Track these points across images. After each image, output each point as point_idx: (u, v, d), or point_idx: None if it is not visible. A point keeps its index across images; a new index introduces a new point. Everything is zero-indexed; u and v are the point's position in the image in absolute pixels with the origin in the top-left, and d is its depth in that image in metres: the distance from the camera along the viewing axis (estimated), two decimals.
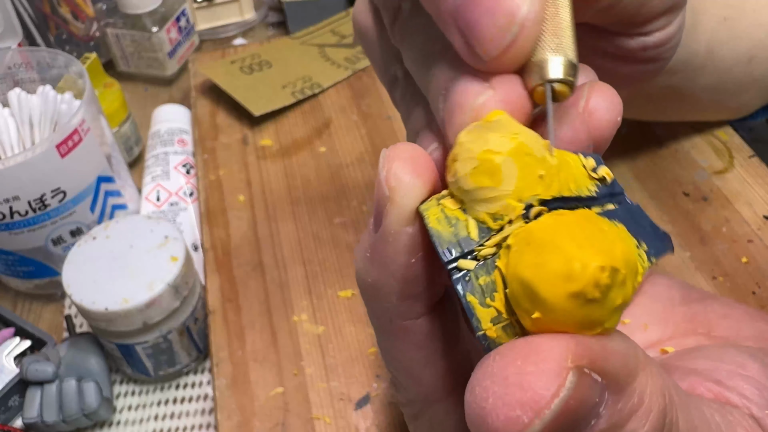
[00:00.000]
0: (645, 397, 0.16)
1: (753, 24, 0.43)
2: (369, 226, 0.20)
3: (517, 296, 0.16)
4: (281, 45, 0.70)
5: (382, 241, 0.19)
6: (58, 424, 0.43)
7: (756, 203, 0.46)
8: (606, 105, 0.20)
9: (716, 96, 0.46)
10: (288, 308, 0.46)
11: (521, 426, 0.14)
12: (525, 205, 0.17)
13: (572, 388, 0.14)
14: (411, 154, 0.18)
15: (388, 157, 0.18)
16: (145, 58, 0.71)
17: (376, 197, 0.19)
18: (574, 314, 0.15)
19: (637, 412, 0.16)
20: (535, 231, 0.16)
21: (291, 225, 0.52)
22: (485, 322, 0.17)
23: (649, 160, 0.51)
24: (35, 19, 0.65)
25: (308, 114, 0.62)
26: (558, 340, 0.15)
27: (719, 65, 0.42)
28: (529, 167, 0.17)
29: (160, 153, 0.59)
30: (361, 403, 0.41)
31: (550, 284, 0.15)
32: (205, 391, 0.47)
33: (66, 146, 0.46)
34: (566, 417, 0.14)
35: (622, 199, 0.19)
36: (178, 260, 0.42)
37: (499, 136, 0.17)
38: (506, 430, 0.14)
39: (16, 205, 0.45)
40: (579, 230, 0.16)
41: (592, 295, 0.15)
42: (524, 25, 0.18)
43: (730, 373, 0.22)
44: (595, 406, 0.15)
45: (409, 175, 0.18)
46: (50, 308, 0.53)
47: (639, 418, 0.16)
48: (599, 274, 0.15)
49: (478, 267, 0.17)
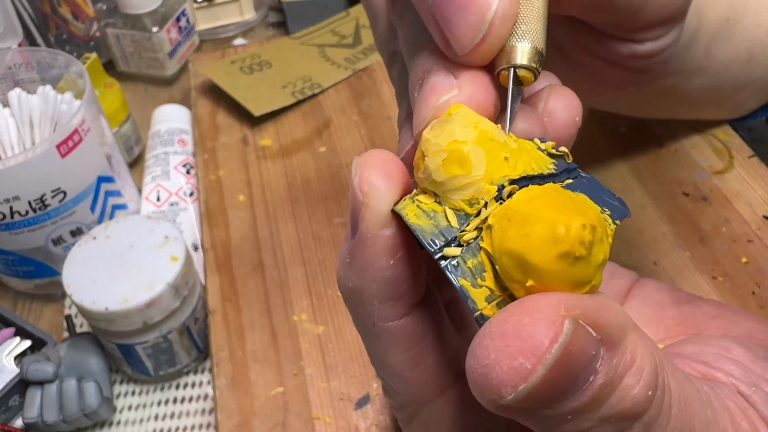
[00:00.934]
0: (636, 355, 0.17)
1: (754, 24, 0.43)
2: (347, 233, 0.21)
3: (508, 270, 0.17)
4: (281, 45, 0.70)
5: (361, 246, 0.20)
6: (59, 424, 0.43)
7: (756, 203, 0.46)
8: (564, 106, 0.21)
9: (711, 95, 0.46)
10: (288, 308, 0.46)
11: (525, 373, 0.15)
12: (497, 186, 0.18)
13: (569, 334, 0.15)
14: (382, 159, 0.19)
15: (360, 164, 0.19)
16: (146, 58, 0.71)
17: (351, 204, 0.20)
18: (564, 275, 0.16)
19: (630, 369, 0.16)
20: (513, 207, 0.17)
21: (291, 225, 0.52)
22: (480, 302, 0.17)
23: (649, 160, 0.51)
24: (35, 19, 0.65)
25: (308, 114, 0.62)
26: (550, 296, 0.16)
27: (716, 66, 0.42)
28: (494, 152, 0.18)
29: (160, 153, 0.59)
30: (361, 403, 0.41)
31: (539, 250, 0.16)
32: (205, 391, 0.47)
33: (66, 146, 0.46)
34: (566, 366, 0.15)
35: (578, 173, 0.20)
36: (178, 260, 0.42)
37: (462, 127, 0.18)
38: (511, 380, 0.15)
39: (17, 205, 0.45)
40: (552, 200, 0.17)
41: (579, 252, 0.16)
42: (494, 22, 0.19)
43: (716, 356, 0.23)
44: (592, 360, 0.16)
45: (381, 179, 0.19)
46: (50, 308, 0.53)
47: (633, 375, 0.16)
48: (582, 232, 0.16)
49: (464, 251, 0.18)
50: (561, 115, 0.21)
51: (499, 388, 0.15)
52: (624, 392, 0.16)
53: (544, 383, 0.15)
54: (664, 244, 0.45)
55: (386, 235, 0.19)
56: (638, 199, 0.48)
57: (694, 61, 0.40)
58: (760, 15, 0.43)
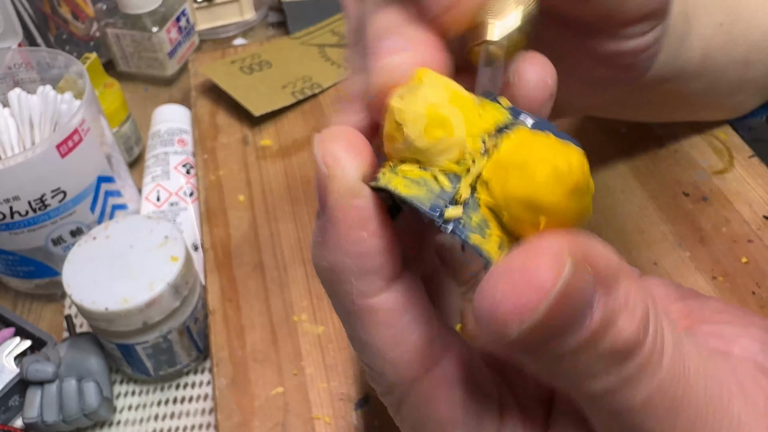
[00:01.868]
0: (629, 299, 0.18)
1: (749, 27, 0.43)
2: (317, 212, 0.21)
3: (519, 216, 0.17)
4: (281, 45, 0.70)
5: (332, 221, 0.20)
6: (59, 424, 0.43)
7: (756, 203, 0.46)
8: (534, 68, 0.21)
9: (710, 98, 0.46)
10: (288, 308, 0.46)
11: (532, 306, 0.16)
12: (481, 141, 0.18)
13: (570, 274, 0.16)
14: (344, 132, 0.20)
15: (322, 138, 0.19)
16: (145, 58, 0.71)
17: (316, 182, 0.20)
18: (574, 208, 0.17)
19: (624, 311, 0.17)
20: (506, 156, 0.18)
21: (291, 225, 0.52)
22: (495, 254, 0.18)
23: (649, 160, 0.51)
24: (35, 19, 0.65)
25: (308, 114, 0.62)
26: (553, 237, 0.17)
27: (713, 69, 0.42)
28: (468, 109, 0.19)
29: (160, 153, 0.59)
30: (361, 403, 0.41)
31: (548, 190, 0.17)
32: (205, 391, 0.47)
33: (66, 146, 0.46)
34: (566, 304, 0.16)
35: (527, 115, 0.21)
36: (178, 260, 0.42)
37: (434, 91, 0.18)
38: (517, 314, 0.16)
39: (17, 205, 0.45)
40: (538, 143, 0.17)
41: (585, 183, 0.17)
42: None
43: (733, 333, 0.23)
44: (590, 300, 0.17)
45: (343, 150, 0.19)
46: (50, 308, 0.53)
47: (626, 318, 0.17)
48: (583, 163, 0.17)
49: (465, 210, 0.18)
50: (531, 77, 0.21)
51: (506, 323, 0.16)
52: (617, 331, 0.17)
53: (547, 318, 0.16)
54: (664, 244, 0.45)
55: (358, 206, 0.19)
56: (638, 199, 0.48)
57: (691, 65, 0.40)
58: (756, 18, 0.43)
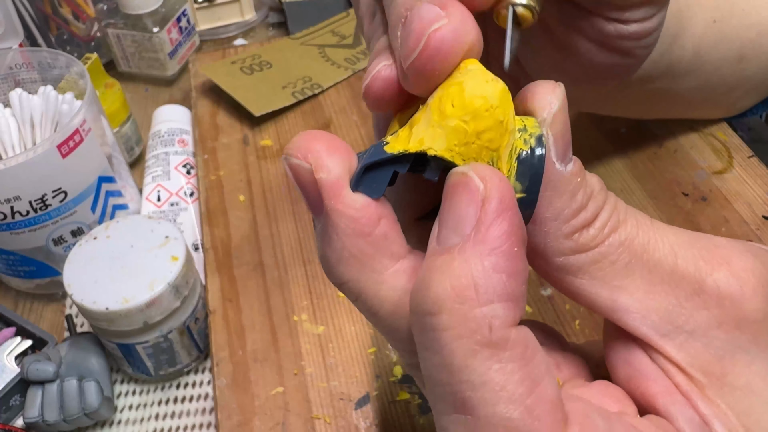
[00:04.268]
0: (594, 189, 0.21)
1: (743, 24, 0.43)
2: (318, 237, 0.20)
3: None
4: (281, 45, 0.70)
5: (336, 232, 0.19)
6: (59, 423, 0.43)
7: (755, 203, 0.46)
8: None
9: (705, 95, 0.46)
10: (288, 308, 0.46)
11: None
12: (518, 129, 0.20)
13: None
14: (325, 137, 0.19)
15: (297, 150, 0.19)
16: (146, 59, 0.71)
17: (307, 193, 0.20)
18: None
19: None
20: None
21: (291, 225, 0.52)
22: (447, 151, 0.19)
23: (648, 160, 0.51)
24: (36, 19, 0.66)
25: (308, 114, 0.62)
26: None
27: (706, 67, 0.42)
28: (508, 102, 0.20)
29: (160, 153, 0.60)
30: (361, 402, 0.41)
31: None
32: (205, 391, 0.47)
33: (67, 146, 0.46)
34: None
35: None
36: (178, 260, 0.42)
37: (482, 82, 0.19)
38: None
39: (17, 205, 0.45)
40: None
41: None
42: None
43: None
44: None
45: (325, 152, 0.19)
46: (51, 308, 0.53)
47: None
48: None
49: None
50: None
51: None
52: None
53: None
54: None
55: (356, 216, 0.19)
56: (638, 199, 0.48)
57: (682, 62, 0.40)
58: (749, 15, 0.43)
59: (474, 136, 0.19)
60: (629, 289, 0.21)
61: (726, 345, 0.20)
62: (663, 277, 0.21)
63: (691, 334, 0.21)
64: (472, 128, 0.19)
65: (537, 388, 0.17)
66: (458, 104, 0.19)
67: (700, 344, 0.21)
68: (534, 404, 0.17)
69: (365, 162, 0.19)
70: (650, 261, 0.21)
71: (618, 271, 0.21)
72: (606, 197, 0.21)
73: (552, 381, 0.18)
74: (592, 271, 0.21)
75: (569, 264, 0.21)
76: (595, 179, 0.21)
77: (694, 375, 0.20)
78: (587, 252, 0.21)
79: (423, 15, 0.19)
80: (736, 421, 0.20)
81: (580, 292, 0.21)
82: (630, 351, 0.22)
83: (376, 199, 0.19)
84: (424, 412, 0.40)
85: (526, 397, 0.17)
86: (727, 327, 0.20)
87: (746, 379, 0.20)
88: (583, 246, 0.20)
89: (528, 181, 0.20)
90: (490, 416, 0.17)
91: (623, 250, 0.21)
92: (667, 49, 0.38)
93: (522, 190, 0.20)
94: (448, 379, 0.18)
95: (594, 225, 0.20)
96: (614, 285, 0.21)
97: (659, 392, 0.21)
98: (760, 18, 0.43)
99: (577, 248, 0.21)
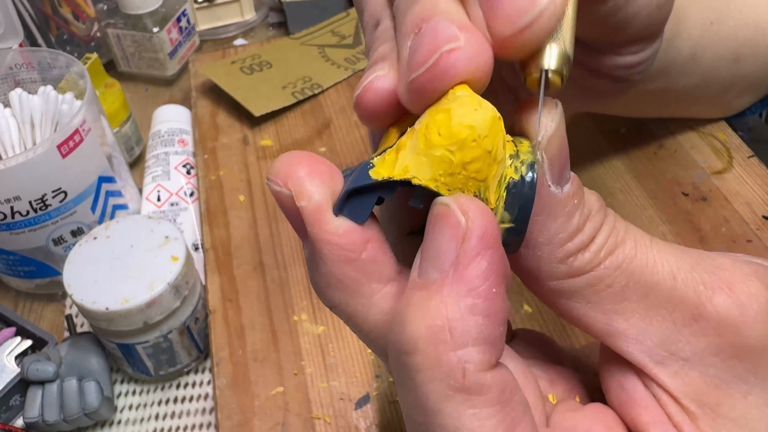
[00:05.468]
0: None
1: (739, 24, 0.43)
2: (306, 261, 0.20)
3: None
4: (281, 45, 0.70)
5: (322, 258, 0.19)
6: (59, 423, 0.43)
7: (755, 203, 0.46)
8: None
9: (701, 94, 0.46)
10: (288, 308, 0.46)
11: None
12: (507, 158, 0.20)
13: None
14: (304, 156, 0.19)
15: (277, 176, 0.19)
16: (146, 59, 0.71)
17: (291, 219, 0.19)
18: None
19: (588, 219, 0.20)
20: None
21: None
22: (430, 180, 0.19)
23: (649, 160, 0.51)
24: (36, 19, 0.66)
25: (308, 114, 0.62)
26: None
27: (703, 66, 0.43)
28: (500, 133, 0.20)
29: (160, 153, 0.60)
30: (361, 402, 0.41)
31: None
32: (205, 391, 0.47)
33: (67, 146, 0.46)
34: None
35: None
36: (178, 260, 0.42)
37: (472, 110, 0.18)
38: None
39: (17, 205, 0.45)
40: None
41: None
42: (543, 13, 0.18)
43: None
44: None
45: (306, 178, 0.19)
46: (51, 308, 0.53)
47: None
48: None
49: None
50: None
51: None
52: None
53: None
54: None
55: (341, 243, 0.19)
56: (638, 200, 0.48)
57: (678, 64, 0.40)
58: (746, 14, 0.43)
59: (460, 167, 0.18)
60: (625, 314, 0.20)
61: (722, 374, 0.20)
62: (661, 300, 0.20)
63: (686, 361, 0.20)
64: (458, 159, 0.18)
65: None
66: (445, 133, 0.18)
67: (695, 373, 0.20)
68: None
69: (349, 187, 0.19)
70: (648, 283, 0.20)
71: (614, 294, 0.20)
72: (604, 217, 0.20)
73: (530, 423, 0.18)
74: (586, 295, 0.20)
75: (563, 288, 0.20)
76: (594, 197, 0.21)
77: (688, 405, 0.20)
78: (582, 276, 0.20)
79: (440, 31, 0.18)
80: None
81: (574, 315, 0.21)
82: (624, 375, 0.21)
83: (361, 224, 0.19)
84: None
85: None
86: (725, 355, 0.20)
87: (742, 410, 0.20)
88: (578, 270, 0.20)
89: (517, 210, 0.19)
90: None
91: (620, 273, 0.20)
92: (664, 52, 0.38)
93: (511, 220, 0.19)
94: (423, 419, 0.17)
95: (590, 248, 0.20)
96: (609, 309, 0.20)
97: (650, 422, 0.20)
98: (756, 17, 0.43)
99: (572, 272, 0.20)
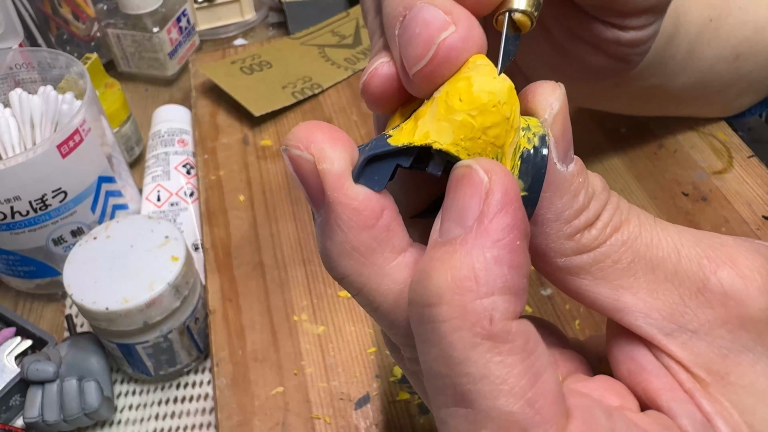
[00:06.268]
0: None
1: (739, 22, 0.43)
2: (318, 231, 0.20)
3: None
4: (281, 45, 0.70)
5: (339, 226, 0.19)
6: (59, 423, 0.43)
7: (755, 203, 0.46)
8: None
9: (699, 92, 0.46)
10: (288, 308, 0.46)
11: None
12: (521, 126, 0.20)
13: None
14: (326, 128, 0.19)
15: (298, 141, 0.19)
16: (146, 59, 0.71)
17: (307, 185, 0.19)
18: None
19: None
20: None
21: (291, 225, 0.52)
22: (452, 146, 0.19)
23: (649, 160, 0.51)
24: (36, 19, 0.66)
25: (308, 114, 0.62)
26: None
27: (701, 64, 0.43)
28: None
29: (160, 153, 0.60)
30: (361, 402, 0.41)
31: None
32: (205, 391, 0.47)
33: (67, 146, 0.46)
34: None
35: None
36: (178, 260, 0.42)
37: (490, 79, 0.19)
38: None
39: (17, 205, 0.45)
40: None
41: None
42: None
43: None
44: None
45: (327, 143, 0.19)
46: (51, 308, 0.53)
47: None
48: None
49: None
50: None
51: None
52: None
53: None
54: None
55: (359, 208, 0.19)
56: (638, 199, 0.48)
57: (676, 61, 0.40)
58: (745, 12, 0.43)
59: (480, 131, 0.19)
60: (632, 289, 0.21)
61: (730, 344, 0.20)
62: (666, 275, 0.21)
63: (694, 332, 0.20)
64: (479, 123, 0.19)
65: (538, 381, 0.17)
66: (466, 99, 0.19)
67: (703, 343, 0.20)
68: (535, 397, 0.17)
69: (369, 154, 0.19)
70: (653, 260, 0.21)
71: (620, 270, 0.21)
72: (608, 197, 0.21)
73: (553, 374, 0.18)
74: (594, 271, 0.21)
75: (571, 264, 0.21)
76: (598, 179, 0.21)
77: (698, 373, 0.20)
78: (589, 252, 0.21)
79: (429, 20, 0.19)
80: (739, 419, 0.20)
81: (582, 292, 0.21)
82: (633, 347, 0.22)
83: (378, 192, 0.19)
84: (424, 412, 0.40)
85: (527, 391, 0.17)
86: (731, 326, 0.20)
87: (750, 378, 0.20)
88: (585, 247, 0.20)
89: (531, 179, 0.20)
90: (490, 410, 0.17)
91: (626, 250, 0.20)
92: (663, 48, 0.38)
93: (524, 188, 0.20)
94: (447, 371, 0.17)
95: (596, 225, 0.20)
96: (617, 284, 0.21)
97: (662, 388, 0.21)
98: (756, 16, 0.43)
99: (579, 249, 0.20)
